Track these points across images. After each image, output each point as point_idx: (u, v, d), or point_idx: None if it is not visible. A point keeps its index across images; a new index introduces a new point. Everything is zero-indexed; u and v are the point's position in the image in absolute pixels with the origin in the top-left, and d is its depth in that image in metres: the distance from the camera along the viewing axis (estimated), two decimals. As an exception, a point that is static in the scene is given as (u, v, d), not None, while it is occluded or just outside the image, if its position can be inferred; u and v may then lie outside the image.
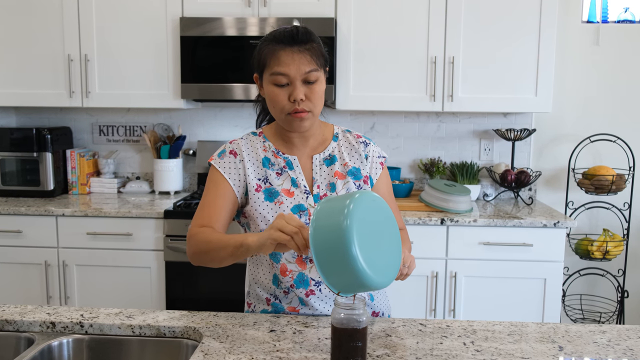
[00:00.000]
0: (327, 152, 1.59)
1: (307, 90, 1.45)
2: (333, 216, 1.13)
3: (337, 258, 1.12)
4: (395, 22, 3.02)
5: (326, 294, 1.52)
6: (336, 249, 1.11)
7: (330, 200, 1.20)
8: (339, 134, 1.63)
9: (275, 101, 1.46)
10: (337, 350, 1.15)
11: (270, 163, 1.55)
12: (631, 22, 3.35)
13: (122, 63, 3.14)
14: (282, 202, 1.50)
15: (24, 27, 3.15)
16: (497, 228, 2.79)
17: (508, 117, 3.40)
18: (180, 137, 3.41)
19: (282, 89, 1.44)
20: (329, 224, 1.13)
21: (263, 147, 1.57)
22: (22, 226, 2.95)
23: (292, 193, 1.52)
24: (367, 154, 1.62)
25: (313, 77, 1.45)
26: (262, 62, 1.47)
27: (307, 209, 1.51)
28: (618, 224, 3.36)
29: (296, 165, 1.55)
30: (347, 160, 1.58)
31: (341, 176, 1.56)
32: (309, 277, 1.50)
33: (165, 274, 2.89)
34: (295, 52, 1.43)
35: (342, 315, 1.14)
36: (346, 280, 1.13)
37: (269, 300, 1.56)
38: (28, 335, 1.40)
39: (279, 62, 1.43)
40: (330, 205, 1.17)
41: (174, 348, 1.38)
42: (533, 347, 1.30)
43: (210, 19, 3.01)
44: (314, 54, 1.45)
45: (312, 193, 1.53)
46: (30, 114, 3.61)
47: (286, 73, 1.42)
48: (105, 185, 3.43)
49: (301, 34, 1.45)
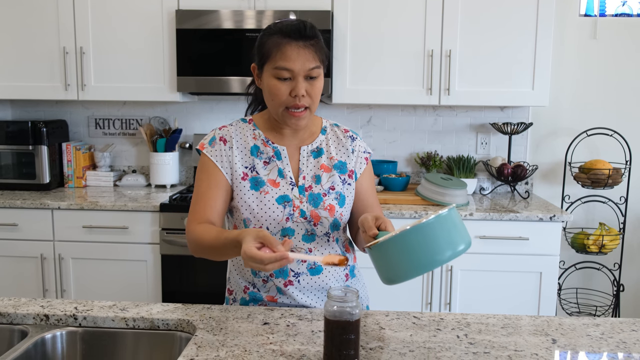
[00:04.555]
0: (315, 145, 1.59)
1: (308, 86, 1.45)
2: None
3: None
4: (392, 15, 3.01)
5: (304, 285, 1.53)
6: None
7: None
8: (327, 127, 1.63)
9: (275, 94, 1.45)
10: (330, 343, 1.15)
11: (259, 151, 1.55)
12: (629, 16, 3.34)
13: (118, 56, 3.13)
14: (268, 192, 1.50)
15: (20, 19, 3.14)
16: (493, 222, 2.79)
17: (505, 111, 3.40)
18: (176, 130, 3.40)
19: (283, 83, 1.44)
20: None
21: (253, 135, 1.57)
22: (18, 219, 2.94)
23: (277, 184, 1.52)
24: (354, 148, 1.62)
25: (315, 74, 1.45)
26: (266, 53, 1.45)
27: (292, 200, 1.51)
28: (614, 218, 3.37)
29: (284, 155, 1.55)
30: (333, 154, 1.59)
31: (327, 169, 1.57)
32: (288, 268, 1.51)
33: (161, 267, 2.89)
34: (301, 47, 1.42)
35: (335, 308, 1.14)
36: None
37: (247, 288, 1.57)
38: (22, 327, 1.39)
39: (284, 57, 1.42)
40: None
41: (167, 341, 1.38)
42: (526, 339, 1.30)
43: (207, 12, 3.00)
44: (318, 50, 1.45)
45: (297, 184, 1.53)
46: (26, 106, 3.59)
47: (291, 68, 1.42)
48: (101, 178, 3.42)
49: (308, 29, 1.44)
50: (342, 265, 1.26)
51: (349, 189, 1.58)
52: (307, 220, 1.51)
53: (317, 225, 1.52)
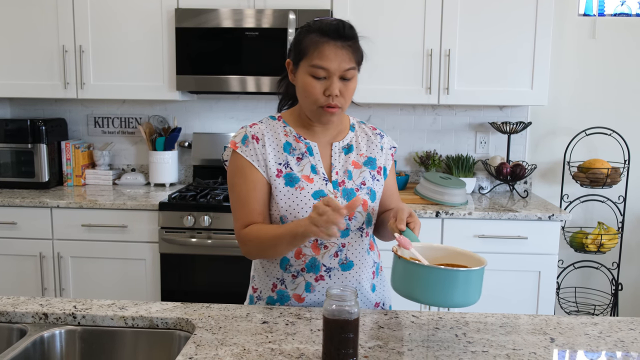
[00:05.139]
0: (345, 141, 1.60)
1: (342, 86, 1.45)
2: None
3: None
4: (391, 14, 3.01)
5: (335, 281, 1.53)
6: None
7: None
8: (355, 124, 1.65)
9: (309, 92, 1.46)
10: (329, 342, 1.16)
11: (292, 148, 1.55)
12: (628, 15, 3.34)
13: (117, 54, 3.13)
14: (303, 188, 1.50)
15: (19, 17, 3.14)
16: (492, 221, 2.80)
17: (504, 110, 3.40)
18: (175, 129, 3.40)
19: (318, 82, 1.44)
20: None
21: (284, 131, 1.56)
22: (17, 218, 2.94)
23: (311, 179, 1.52)
24: (382, 145, 1.64)
25: (350, 75, 1.45)
26: (303, 51, 1.46)
27: (327, 195, 1.51)
28: (613, 217, 3.37)
29: (316, 152, 1.56)
30: (363, 151, 1.60)
31: (357, 165, 1.58)
32: (320, 263, 1.52)
33: (160, 266, 2.89)
34: (339, 48, 1.42)
35: (333, 307, 1.14)
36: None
37: (275, 286, 1.57)
38: (20, 326, 1.39)
39: (321, 56, 1.42)
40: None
41: (166, 339, 1.38)
42: (525, 338, 1.30)
43: (206, 10, 3.00)
44: (355, 51, 1.46)
45: (330, 180, 1.54)
46: (25, 105, 3.59)
47: (327, 67, 1.42)
48: (101, 177, 3.42)
49: (347, 29, 1.45)
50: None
51: (378, 185, 1.60)
52: None
53: (352, 220, 1.53)
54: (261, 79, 3.03)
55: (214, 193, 2.98)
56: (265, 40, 3.00)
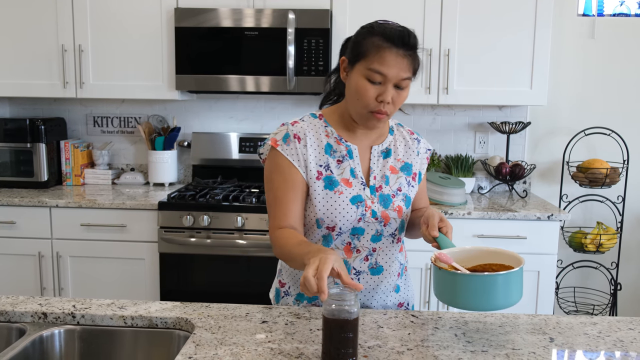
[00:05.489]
0: (384, 145, 1.58)
1: (394, 94, 1.43)
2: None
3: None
4: (391, 14, 3.00)
5: (362, 284, 1.53)
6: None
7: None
8: (394, 127, 1.64)
9: (362, 95, 1.43)
10: (329, 341, 1.16)
11: (333, 150, 1.52)
12: (627, 16, 3.34)
13: (116, 54, 3.13)
14: (342, 192, 1.49)
15: (18, 17, 3.13)
16: (491, 221, 2.80)
17: (503, 110, 3.40)
18: (175, 128, 3.40)
19: (373, 86, 1.42)
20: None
21: (325, 132, 1.54)
22: (16, 217, 2.94)
23: (350, 183, 1.51)
24: (419, 150, 1.63)
25: (405, 84, 1.44)
26: (362, 52, 1.43)
27: (364, 200, 1.50)
28: (612, 217, 3.37)
29: (356, 155, 1.54)
30: (400, 156, 1.59)
31: (394, 170, 1.57)
32: (351, 266, 1.52)
33: (160, 266, 2.89)
34: (400, 56, 1.40)
35: (333, 307, 1.14)
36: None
37: None
38: (19, 325, 1.39)
39: (382, 61, 1.39)
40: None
41: (166, 339, 1.38)
42: (524, 338, 1.30)
43: (206, 10, 3.00)
44: (414, 60, 1.43)
45: (368, 184, 1.53)
46: (24, 104, 3.59)
47: (385, 73, 1.40)
48: (100, 176, 3.42)
49: (412, 38, 1.43)
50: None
51: (412, 190, 1.59)
52: (377, 220, 1.51)
53: (386, 226, 1.53)
54: (261, 78, 3.03)
55: (213, 193, 2.97)
56: (265, 39, 3.00)
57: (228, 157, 3.39)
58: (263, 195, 2.91)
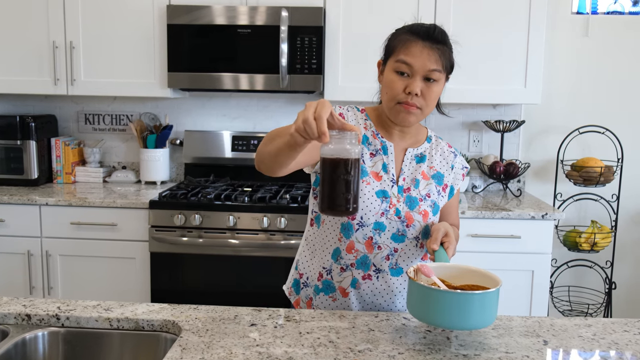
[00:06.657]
0: (420, 150, 1.60)
1: (424, 87, 1.44)
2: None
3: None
4: (384, 11, 2.98)
5: (381, 283, 1.53)
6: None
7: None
8: (432, 137, 1.65)
9: (390, 87, 1.46)
10: (327, 185, 1.11)
11: (368, 142, 1.55)
12: (621, 14, 3.33)
13: (108, 51, 3.09)
14: (369, 183, 1.50)
15: (8, 12, 3.09)
16: (485, 220, 2.78)
17: (497, 109, 3.38)
18: (167, 126, 3.37)
19: (400, 78, 1.44)
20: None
21: (364, 124, 1.57)
22: (5, 215, 2.90)
23: (380, 177, 1.52)
24: (454, 164, 1.64)
25: (434, 76, 1.44)
26: (391, 48, 1.48)
27: (390, 197, 1.51)
28: (606, 216, 3.36)
29: (391, 152, 1.55)
30: (434, 164, 1.60)
31: (425, 177, 1.57)
32: (371, 262, 1.52)
33: (150, 265, 2.86)
34: (426, 48, 1.42)
35: (331, 146, 1.10)
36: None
37: (321, 275, 1.57)
38: (2, 327, 1.36)
39: (407, 52, 1.43)
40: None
41: (152, 342, 1.35)
42: (517, 341, 1.28)
43: (198, 7, 2.96)
44: (442, 55, 1.44)
45: (397, 183, 1.53)
46: (14, 101, 3.55)
47: (411, 64, 1.42)
48: (91, 174, 3.38)
49: (437, 32, 1.45)
50: None
51: (441, 200, 1.59)
52: (400, 219, 1.51)
53: (409, 228, 1.52)
54: (254, 76, 3.00)
55: (205, 191, 2.94)
56: (258, 37, 2.96)
57: (221, 156, 3.36)
58: (255, 195, 2.88)
